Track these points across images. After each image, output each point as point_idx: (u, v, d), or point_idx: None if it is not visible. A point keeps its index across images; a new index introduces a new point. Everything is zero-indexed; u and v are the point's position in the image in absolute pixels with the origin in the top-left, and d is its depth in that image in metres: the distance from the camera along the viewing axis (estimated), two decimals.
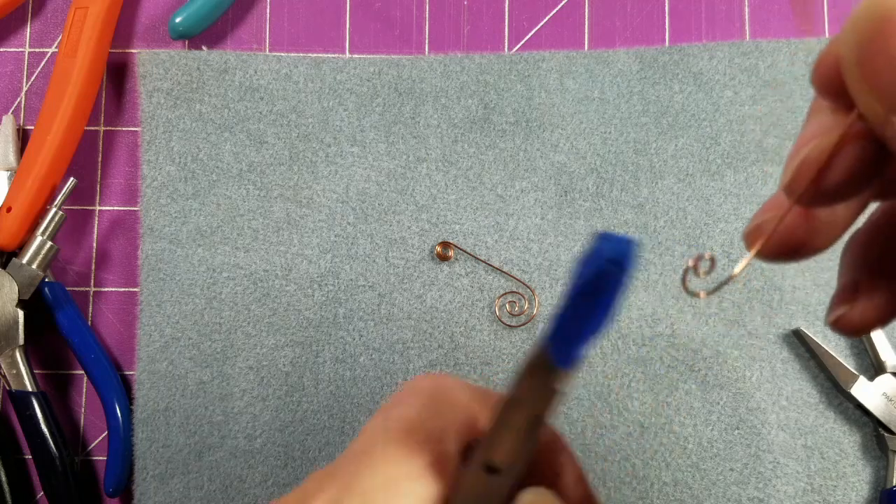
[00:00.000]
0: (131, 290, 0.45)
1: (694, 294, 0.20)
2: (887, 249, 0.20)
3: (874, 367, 0.42)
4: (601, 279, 0.14)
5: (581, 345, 0.15)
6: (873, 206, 0.20)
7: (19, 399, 0.41)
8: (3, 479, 0.43)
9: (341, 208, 0.45)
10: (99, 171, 0.46)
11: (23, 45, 0.47)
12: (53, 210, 0.42)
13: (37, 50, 0.47)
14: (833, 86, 0.17)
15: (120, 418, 0.43)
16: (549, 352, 0.15)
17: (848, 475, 0.41)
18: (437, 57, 0.46)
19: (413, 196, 0.45)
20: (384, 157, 0.45)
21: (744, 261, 0.20)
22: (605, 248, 0.14)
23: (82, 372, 0.44)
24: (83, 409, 0.45)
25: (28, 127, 0.46)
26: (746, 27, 0.46)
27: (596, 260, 0.14)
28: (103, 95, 0.47)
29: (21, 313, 0.42)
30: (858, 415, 0.42)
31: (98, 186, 0.46)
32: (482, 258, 0.44)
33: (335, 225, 0.44)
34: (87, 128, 0.46)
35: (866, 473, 0.41)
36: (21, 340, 0.42)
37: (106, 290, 0.45)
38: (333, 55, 0.46)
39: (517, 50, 0.46)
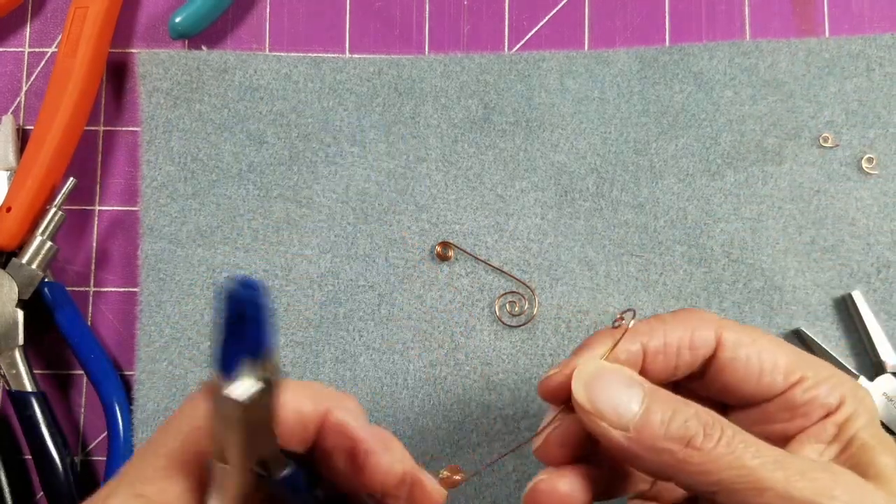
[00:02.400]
0: (131, 290, 0.45)
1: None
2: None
3: (874, 367, 0.42)
4: (232, 312, 0.19)
5: (235, 361, 0.19)
6: None
7: (19, 399, 0.41)
8: (3, 479, 0.42)
9: (341, 208, 0.45)
10: (99, 171, 0.46)
11: (23, 44, 0.47)
12: (53, 210, 0.42)
13: (37, 50, 0.47)
14: (557, 399, 0.29)
15: (120, 418, 0.43)
16: (221, 372, 0.20)
17: None
18: (437, 57, 0.46)
19: (413, 196, 0.45)
20: (384, 157, 0.45)
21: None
22: (234, 289, 0.19)
23: (82, 372, 0.44)
24: (83, 409, 0.45)
25: (28, 127, 0.46)
26: (746, 27, 0.46)
27: (229, 298, 0.19)
28: (103, 95, 0.47)
29: (21, 313, 0.42)
30: None
31: (98, 186, 0.46)
32: (482, 258, 0.44)
33: (335, 225, 0.44)
34: (87, 128, 0.46)
35: None
36: (21, 340, 0.42)
37: (106, 290, 0.45)
38: (333, 55, 0.46)
39: (517, 50, 0.46)
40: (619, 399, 0.26)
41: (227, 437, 0.21)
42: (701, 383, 0.29)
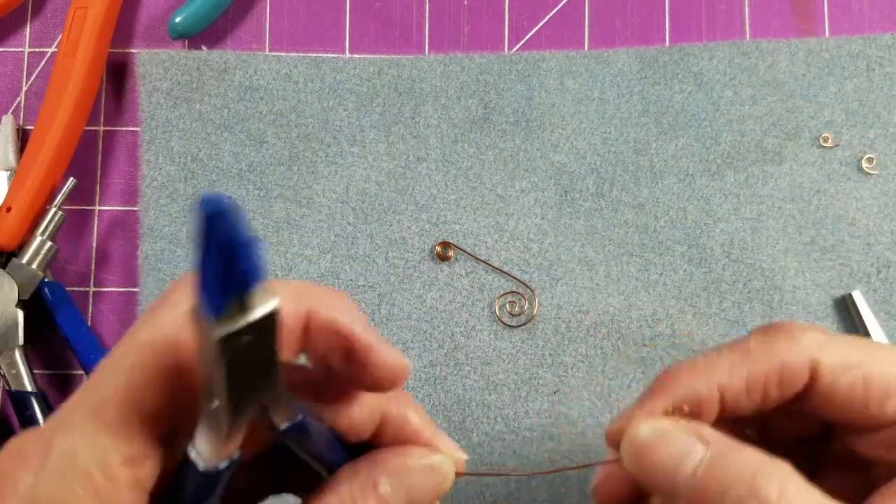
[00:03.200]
0: (131, 290, 0.45)
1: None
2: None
3: None
4: (207, 234, 0.16)
5: (219, 295, 0.16)
6: None
7: (19, 399, 0.41)
8: None
9: (341, 208, 0.45)
10: (99, 171, 0.46)
11: (23, 45, 0.47)
12: (53, 210, 0.42)
13: (37, 50, 0.47)
14: (615, 445, 0.26)
15: None
16: (202, 307, 0.17)
17: None
18: (437, 57, 0.46)
19: (413, 196, 0.45)
20: (384, 157, 0.45)
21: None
22: (205, 206, 0.16)
23: (82, 372, 0.44)
24: None
25: (28, 127, 0.46)
26: (746, 27, 0.46)
27: (202, 222, 0.16)
28: (103, 95, 0.46)
29: (21, 313, 0.42)
30: None
31: (98, 186, 0.46)
32: (482, 258, 0.44)
33: (335, 225, 0.44)
34: (87, 128, 0.46)
35: None
36: (21, 340, 0.42)
37: (106, 290, 0.45)
38: (333, 55, 0.46)
39: (517, 50, 0.46)
40: (675, 462, 0.23)
41: (217, 380, 0.18)
42: (794, 404, 0.26)
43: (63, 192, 0.42)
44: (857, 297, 0.42)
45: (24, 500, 0.19)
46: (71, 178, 0.43)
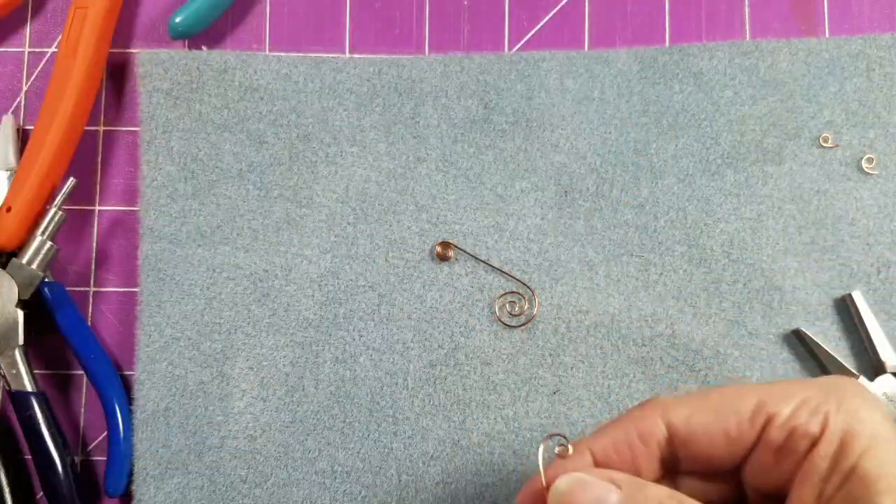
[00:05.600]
0: (131, 290, 0.45)
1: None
2: None
3: (874, 367, 0.42)
4: None
5: None
6: None
7: (19, 399, 0.41)
8: (3, 479, 0.42)
9: (341, 208, 0.45)
10: (99, 171, 0.46)
11: (23, 45, 0.47)
12: (53, 210, 0.42)
13: (37, 50, 0.47)
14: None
15: (120, 418, 0.43)
16: None
17: None
18: (437, 57, 0.46)
19: (413, 196, 0.45)
20: (384, 157, 0.45)
21: None
22: None
23: (82, 372, 0.44)
24: (83, 409, 0.45)
25: (28, 127, 0.46)
26: (746, 27, 0.46)
27: None
28: (103, 95, 0.46)
29: (21, 313, 0.42)
30: None
31: (98, 186, 0.46)
32: (482, 258, 0.44)
33: (335, 225, 0.44)
34: (87, 128, 0.46)
35: None
36: (21, 340, 0.42)
37: (106, 290, 0.45)
38: (333, 55, 0.46)
39: (517, 50, 0.46)
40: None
41: None
42: (683, 464, 0.28)
43: (63, 192, 0.42)
44: (857, 297, 0.42)
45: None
46: (71, 178, 0.43)
